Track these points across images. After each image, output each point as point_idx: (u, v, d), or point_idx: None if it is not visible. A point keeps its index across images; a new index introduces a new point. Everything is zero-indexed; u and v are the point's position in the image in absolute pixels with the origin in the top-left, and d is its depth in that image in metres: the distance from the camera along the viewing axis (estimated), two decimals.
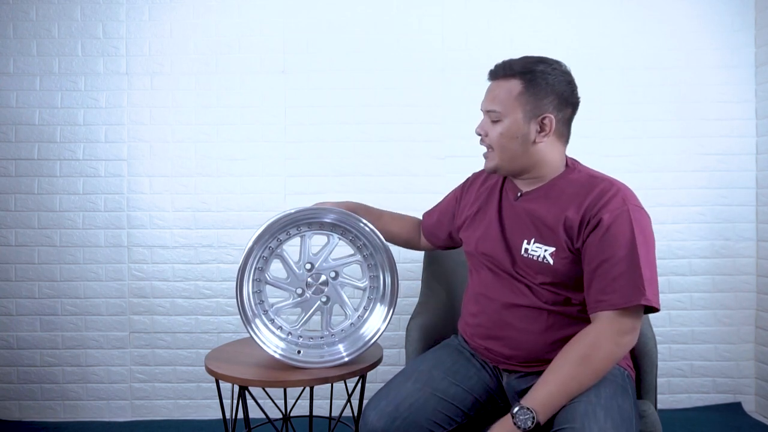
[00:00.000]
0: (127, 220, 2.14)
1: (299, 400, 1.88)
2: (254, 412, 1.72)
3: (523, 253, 1.17)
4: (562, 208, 1.13)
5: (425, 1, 2.15)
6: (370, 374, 1.59)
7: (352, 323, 1.46)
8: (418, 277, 1.96)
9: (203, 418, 2.15)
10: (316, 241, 1.45)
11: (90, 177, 2.14)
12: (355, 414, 1.57)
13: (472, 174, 1.45)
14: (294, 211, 1.39)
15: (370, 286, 1.47)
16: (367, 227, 1.42)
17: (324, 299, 1.45)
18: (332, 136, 2.15)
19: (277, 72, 2.15)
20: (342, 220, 1.42)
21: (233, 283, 1.38)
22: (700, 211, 2.17)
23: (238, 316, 1.40)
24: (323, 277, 1.44)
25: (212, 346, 2.10)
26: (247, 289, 1.39)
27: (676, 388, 2.18)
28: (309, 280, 1.44)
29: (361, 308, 1.47)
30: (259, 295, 1.41)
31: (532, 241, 1.16)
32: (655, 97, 2.15)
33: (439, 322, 1.58)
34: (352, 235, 1.44)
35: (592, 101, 2.13)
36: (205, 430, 2.06)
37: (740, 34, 2.15)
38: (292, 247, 1.45)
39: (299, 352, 1.40)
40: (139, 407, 2.16)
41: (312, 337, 1.44)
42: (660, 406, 2.02)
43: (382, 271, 1.45)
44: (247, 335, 1.59)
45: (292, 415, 1.79)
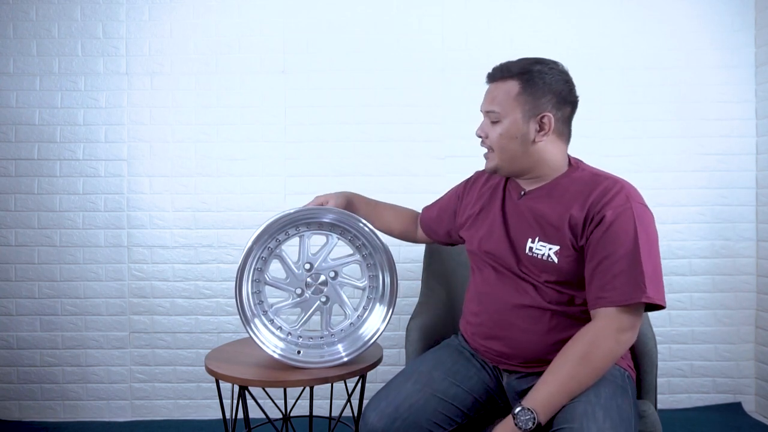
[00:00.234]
0: (127, 220, 2.14)
1: (299, 400, 1.88)
2: (254, 412, 1.72)
3: (528, 251, 1.17)
4: (567, 206, 1.13)
5: (425, 1, 2.15)
6: (370, 374, 1.59)
7: (352, 323, 1.46)
8: (418, 277, 1.96)
9: (203, 418, 2.16)
10: (315, 241, 1.45)
11: (90, 177, 2.14)
12: (355, 414, 1.57)
13: (475, 172, 1.44)
14: (293, 211, 1.39)
15: (370, 286, 1.47)
16: (367, 227, 1.42)
17: (323, 299, 1.45)
18: (332, 136, 2.15)
19: (277, 72, 2.15)
20: (341, 220, 1.42)
21: (233, 283, 1.38)
22: (700, 211, 2.17)
23: (238, 317, 1.40)
24: (322, 277, 1.44)
25: (212, 346, 2.10)
26: (247, 289, 1.39)
27: (676, 388, 2.18)
28: (308, 280, 1.44)
29: (361, 308, 1.47)
30: (258, 295, 1.41)
31: (536, 239, 1.16)
32: (655, 97, 2.15)
33: (439, 322, 1.58)
34: (351, 234, 1.44)
35: (592, 101, 2.13)
36: (205, 430, 2.06)
37: (740, 34, 2.15)
38: (291, 247, 1.45)
39: (299, 352, 1.40)
40: (139, 407, 2.16)
41: (312, 337, 1.44)
42: (660, 406, 2.02)
43: (381, 271, 1.45)
44: (247, 335, 1.59)
45: (292, 415, 1.79)
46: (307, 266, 1.44)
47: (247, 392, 1.41)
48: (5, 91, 2.13)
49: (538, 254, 1.15)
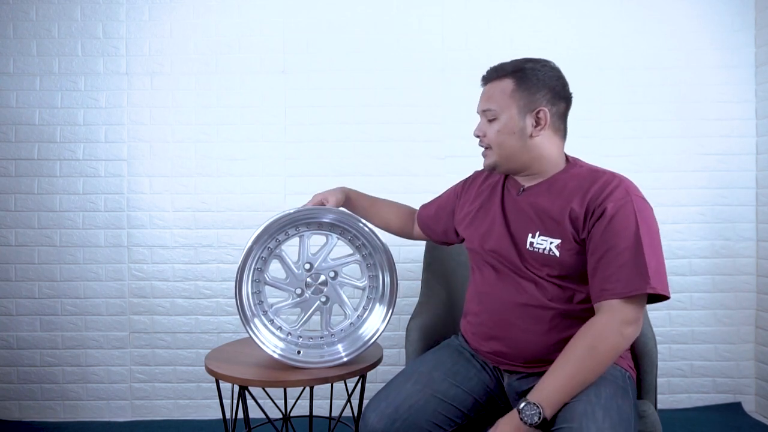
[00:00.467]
0: (127, 220, 2.14)
1: (299, 400, 1.88)
2: (254, 412, 1.72)
3: (529, 246, 1.17)
4: (567, 200, 1.14)
5: (425, 1, 2.15)
6: (370, 374, 1.59)
7: (352, 323, 1.46)
8: (418, 277, 1.96)
9: (203, 418, 2.16)
10: (315, 241, 1.45)
11: (90, 177, 2.14)
12: (355, 414, 1.57)
13: (474, 172, 1.45)
14: (292, 211, 1.39)
15: (370, 286, 1.47)
16: (366, 227, 1.42)
17: (323, 299, 1.45)
18: (332, 136, 2.15)
19: (277, 72, 2.15)
20: (341, 220, 1.42)
21: (233, 283, 1.38)
22: (700, 211, 2.17)
23: (238, 317, 1.40)
24: (322, 277, 1.44)
25: (212, 346, 2.11)
26: (247, 289, 1.39)
27: (676, 388, 2.18)
28: (308, 280, 1.44)
29: (361, 308, 1.47)
30: (258, 295, 1.41)
31: (537, 234, 1.17)
32: (655, 97, 2.15)
33: (439, 322, 1.58)
34: (351, 234, 1.44)
35: (592, 101, 2.13)
36: (205, 430, 2.06)
37: (740, 34, 2.15)
38: (290, 247, 1.45)
39: (299, 352, 1.40)
40: (139, 407, 2.16)
41: (312, 337, 1.44)
42: (660, 406, 2.02)
43: (381, 271, 1.45)
44: (247, 335, 1.59)
45: (292, 415, 1.79)
46: (307, 266, 1.44)
47: (247, 392, 1.41)
48: (5, 91, 2.13)
49: (539, 248, 1.15)
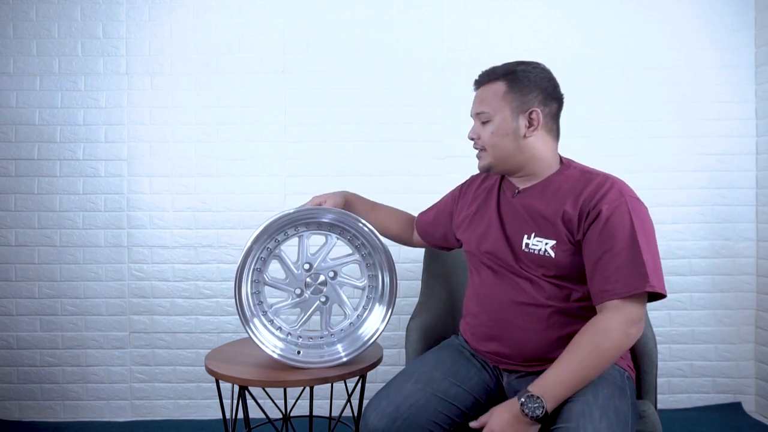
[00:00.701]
0: (127, 220, 2.14)
1: (299, 400, 1.88)
2: (254, 412, 1.72)
3: (524, 248, 1.18)
4: (560, 203, 1.15)
5: (425, 1, 2.15)
6: (370, 374, 1.59)
7: (352, 323, 1.46)
8: (418, 277, 1.96)
9: (203, 418, 2.16)
10: (315, 240, 1.45)
11: (90, 177, 2.14)
12: (355, 414, 1.57)
13: (470, 176, 1.47)
14: (292, 212, 1.39)
15: (369, 286, 1.47)
16: (366, 227, 1.42)
17: (323, 299, 1.45)
18: (332, 136, 2.15)
19: (277, 72, 2.15)
20: (340, 220, 1.42)
21: (233, 283, 1.38)
22: (700, 211, 2.16)
23: (238, 317, 1.40)
24: (322, 277, 1.44)
25: (212, 346, 2.11)
26: (246, 289, 1.39)
27: (676, 388, 2.17)
28: (308, 280, 1.44)
29: (360, 308, 1.47)
30: (258, 295, 1.41)
31: (532, 235, 1.18)
32: (655, 97, 2.15)
33: (439, 322, 1.58)
34: (350, 234, 1.44)
35: (592, 101, 2.13)
36: (205, 430, 2.06)
37: (740, 34, 2.15)
38: (290, 247, 1.45)
39: (299, 353, 1.40)
40: (139, 407, 2.16)
41: (311, 337, 1.44)
42: (660, 406, 2.02)
43: (380, 271, 1.45)
44: (246, 335, 1.59)
45: (292, 415, 1.79)
46: (307, 266, 1.44)
47: (247, 392, 1.41)
48: (5, 91, 2.13)
49: (534, 250, 1.16)
